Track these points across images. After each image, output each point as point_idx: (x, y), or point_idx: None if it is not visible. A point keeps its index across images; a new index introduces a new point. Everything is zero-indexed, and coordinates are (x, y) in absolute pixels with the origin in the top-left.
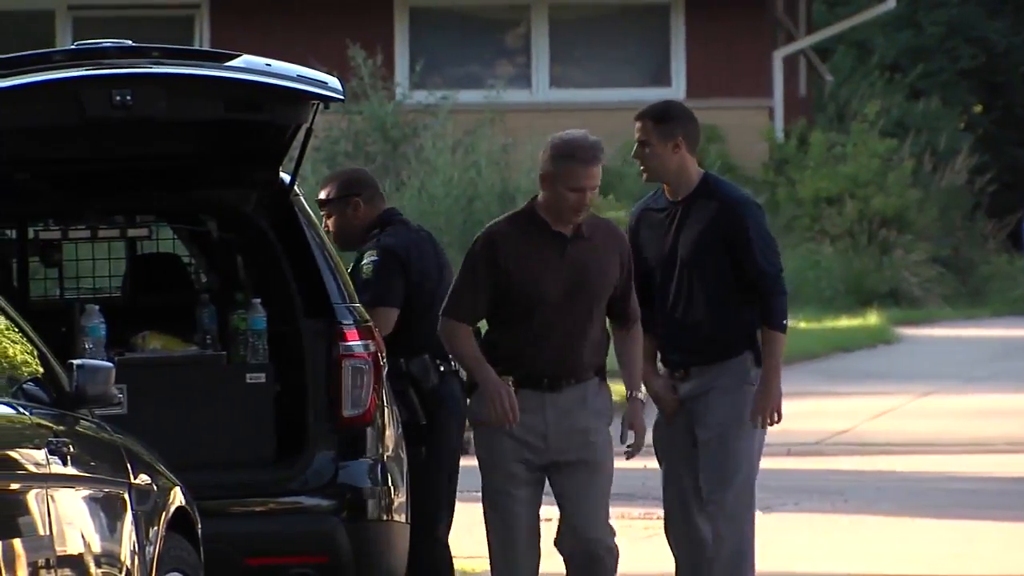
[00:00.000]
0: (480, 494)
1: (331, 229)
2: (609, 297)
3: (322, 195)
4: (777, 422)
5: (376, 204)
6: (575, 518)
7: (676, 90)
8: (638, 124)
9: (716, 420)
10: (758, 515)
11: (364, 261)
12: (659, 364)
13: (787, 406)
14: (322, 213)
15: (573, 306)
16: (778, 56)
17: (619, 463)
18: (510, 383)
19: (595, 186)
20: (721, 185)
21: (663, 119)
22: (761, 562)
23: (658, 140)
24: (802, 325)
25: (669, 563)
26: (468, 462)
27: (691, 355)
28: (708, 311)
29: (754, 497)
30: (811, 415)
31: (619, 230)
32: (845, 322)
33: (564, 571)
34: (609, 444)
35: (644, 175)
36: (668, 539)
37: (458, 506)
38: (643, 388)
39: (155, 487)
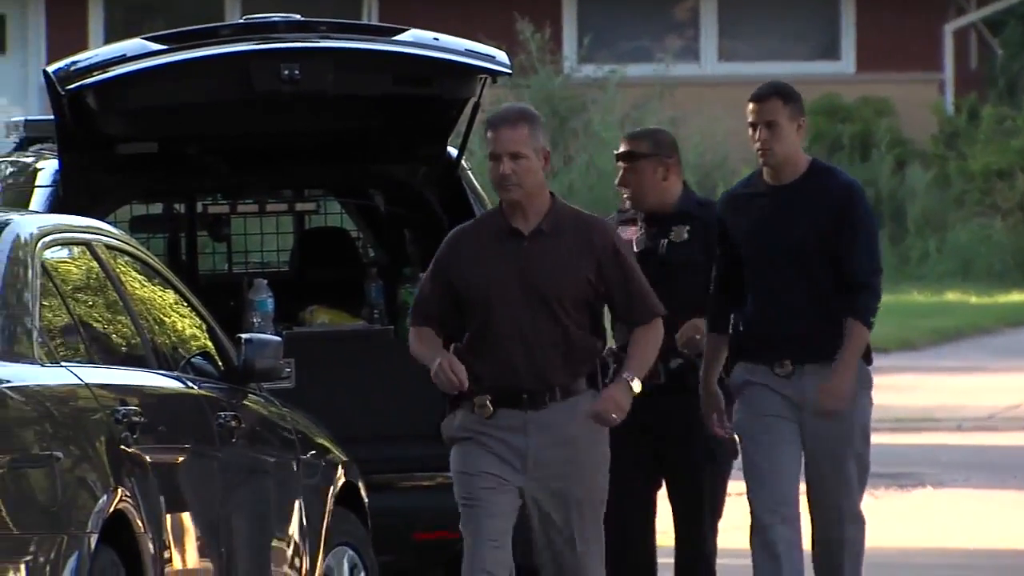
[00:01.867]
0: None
1: (629, 187)
2: (601, 298)
3: (625, 148)
4: (841, 410)
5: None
6: (554, 545)
7: (846, 63)
8: (760, 105)
9: (832, 431)
10: (928, 490)
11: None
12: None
13: (957, 381)
14: (621, 165)
15: (535, 311)
16: (948, 29)
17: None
18: (488, 403)
19: (512, 152)
20: (833, 169)
21: (792, 97)
22: (929, 537)
23: (787, 120)
24: (972, 300)
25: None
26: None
27: (803, 351)
28: (824, 303)
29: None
30: (982, 390)
31: (601, 224)
32: (1016, 297)
33: (737, 548)
34: (599, 462)
35: (762, 159)
36: (756, 546)
37: None
38: (637, 380)
39: (323, 461)
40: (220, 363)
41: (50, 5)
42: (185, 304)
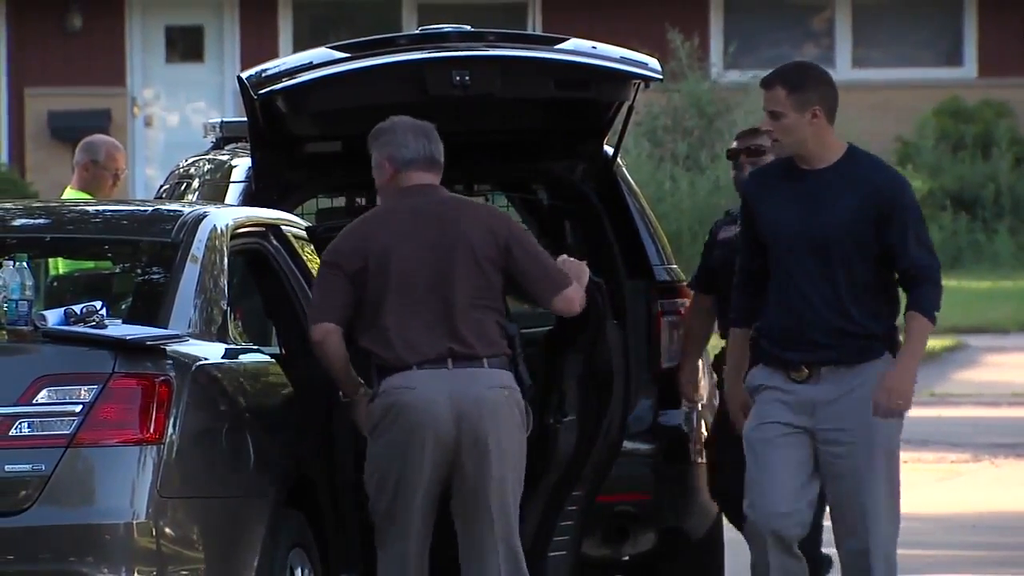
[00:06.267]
0: None
1: None
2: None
3: None
4: (904, 409)
5: None
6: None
7: (968, 70)
8: (765, 93)
9: (859, 432)
10: None
11: None
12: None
13: None
14: None
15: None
16: None
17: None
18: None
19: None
20: (871, 157)
21: (799, 85)
22: None
23: (793, 110)
24: None
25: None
26: None
27: (822, 352)
28: (852, 300)
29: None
30: None
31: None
32: None
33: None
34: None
35: (775, 147)
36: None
37: None
38: None
39: None
40: None
41: (243, 17)
42: None
